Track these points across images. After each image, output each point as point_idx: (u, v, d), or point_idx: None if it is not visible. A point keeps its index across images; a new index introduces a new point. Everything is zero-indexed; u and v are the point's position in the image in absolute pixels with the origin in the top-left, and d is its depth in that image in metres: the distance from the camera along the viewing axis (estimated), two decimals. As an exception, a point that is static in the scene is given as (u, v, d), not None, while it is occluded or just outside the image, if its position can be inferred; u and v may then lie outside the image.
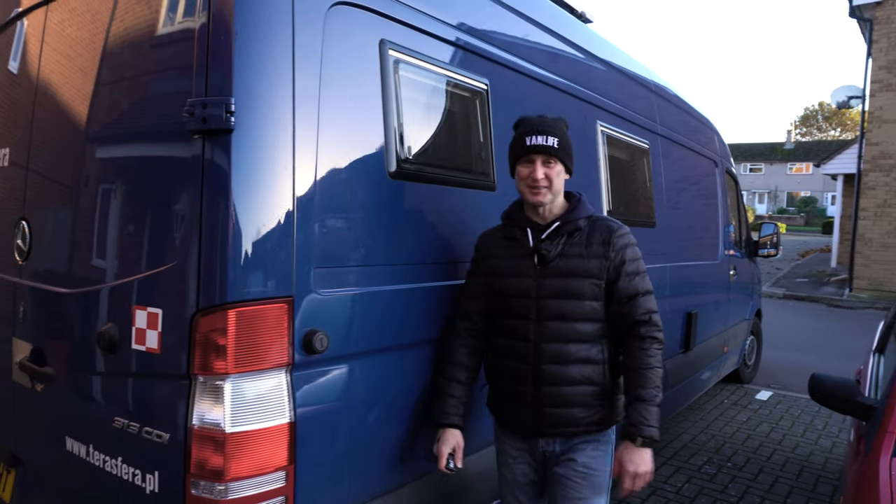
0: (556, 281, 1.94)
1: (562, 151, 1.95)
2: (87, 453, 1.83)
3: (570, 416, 1.95)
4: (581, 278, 1.93)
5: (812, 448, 4.65)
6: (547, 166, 1.94)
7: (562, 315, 1.93)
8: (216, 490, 1.55)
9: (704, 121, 5.27)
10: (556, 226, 1.98)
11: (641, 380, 1.89)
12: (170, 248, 1.64)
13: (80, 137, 1.96)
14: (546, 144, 1.92)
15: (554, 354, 1.93)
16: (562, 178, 1.99)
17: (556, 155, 1.94)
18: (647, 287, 1.99)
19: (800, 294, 13.60)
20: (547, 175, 1.94)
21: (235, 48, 1.56)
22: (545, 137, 1.92)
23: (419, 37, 2.07)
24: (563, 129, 2.00)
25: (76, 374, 1.90)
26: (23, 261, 2.14)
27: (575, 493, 1.97)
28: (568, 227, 1.97)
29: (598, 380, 1.95)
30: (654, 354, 1.92)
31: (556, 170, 1.95)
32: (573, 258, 1.95)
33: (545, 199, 1.96)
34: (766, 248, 6.14)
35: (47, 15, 2.16)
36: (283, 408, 1.62)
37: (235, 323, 1.54)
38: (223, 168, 1.54)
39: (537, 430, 1.99)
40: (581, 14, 3.51)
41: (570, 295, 1.93)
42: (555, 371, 1.93)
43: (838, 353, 7.87)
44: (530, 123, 1.98)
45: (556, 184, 1.96)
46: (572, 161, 2.02)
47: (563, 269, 1.94)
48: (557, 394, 1.94)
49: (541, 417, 1.96)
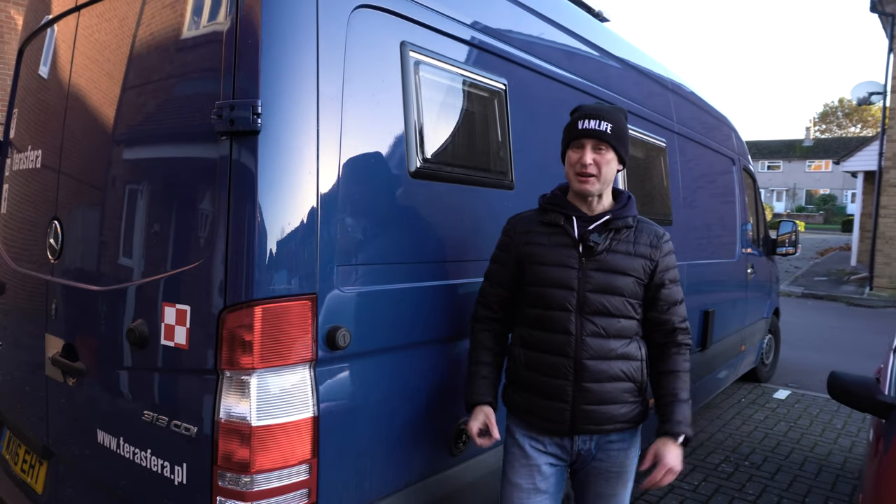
0: (601, 275, 1.89)
1: (615, 138, 1.88)
2: (117, 446, 1.89)
3: (610, 412, 1.91)
4: (626, 275, 1.90)
5: (831, 447, 4.62)
6: (597, 152, 1.88)
7: (605, 310, 1.89)
8: (242, 482, 1.59)
9: (722, 118, 5.25)
10: (606, 219, 1.92)
11: (681, 382, 1.94)
12: (197, 246, 1.69)
13: (109, 139, 2.01)
14: (598, 129, 1.86)
15: (597, 349, 1.88)
16: (613, 168, 1.92)
17: (607, 141, 1.87)
18: (682, 295, 2.02)
19: (819, 293, 13.44)
20: (596, 161, 1.87)
21: (262, 51, 1.60)
22: (598, 122, 1.87)
23: (439, 38, 2.11)
24: (619, 118, 1.93)
25: (107, 369, 1.96)
26: (55, 259, 2.20)
27: (607, 489, 1.99)
28: (618, 222, 1.93)
29: (637, 377, 1.94)
30: (688, 360, 1.99)
31: (606, 157, 1.89)
32: (620, 255, 1.91)
33: (592, 189, 1.89)
34: (785, 247, 6.09)
35: (78, 20, 2.22)
36: (307, 402, 1.66)
37: (261, 319, 1.58)
38: (250, 169, 1.58)
39: (573, 428, 1.92)
40: (598, 13, 3.52)
41: (614, 290, 1.90)
42: (598, 367, 1.88)
43: (858, 352, 7.79)
44: (586, 108, 1.94)
45: (605, 172, 1.89)
46: (627, 152, 1.96)
47: (609, 264, 1.90)
48: (599, 390, 1.89)
49: (580, 414, 1.90)
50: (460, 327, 2.17)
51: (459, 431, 2.18)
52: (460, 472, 2.21)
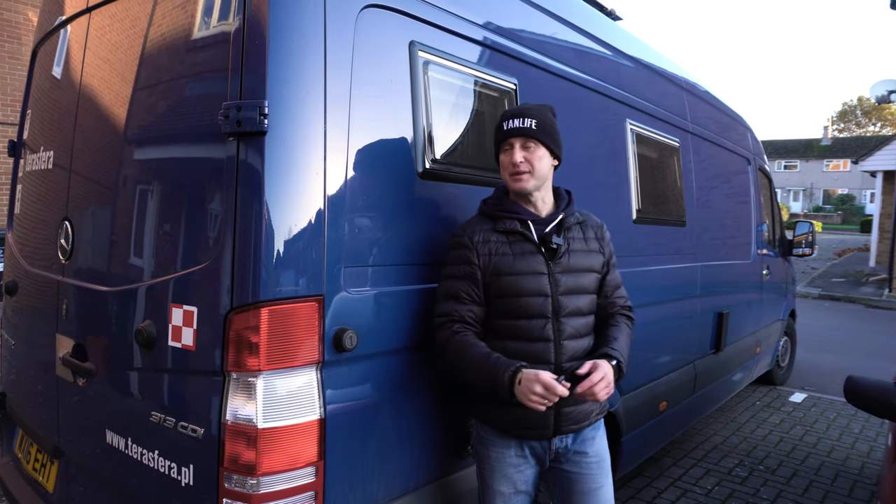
0: (568, 277, 1.92)
1: (542, 133, 1.88)
2: (125, 446, 1.89)
3: (588, 408, 1.95)
4: (588, 273, 1.97)
5: (848, 452, 4.55)
6: (526, 150, 1.88)
7: (577, 311, 1.93)
8: (249, 484, 1.59)
9: (737, 118, 5.18)
10: (560, 218, 1.94)
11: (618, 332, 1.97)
12: (205, 247, 1.68)
13: (118, 140, 2.02)
14: (523, 126, 1.87)
15: (574, 351, 1.91)
16: (546, 164, 1.91)
17: (534, 137, 1.87)
18: None
19: (836, 294, 13.25)
20: (527, 159, 1.87)
21: (269, 52, 1.59)
22: (522, 119, 1.87)
23: (448, 38, 2.09)
24: (544, 113, 1.92)
25: (115, 370, 1.97)
26: (66, 260, 2.21)
27: (592, 483, 1.96)
28: (570, 220, 1.97)
29: None
30: (629, 327, 2.05)
31: (537, 153, 1.88)
32: (579, 253, 1.96)
33: (528, 185, 1.89)
34: (801, 248, 6.01)
35: (90, 22, 2.23)
36: (313, 404, 1.65)
37: (268, 321, 1.58)
38: (257, 169, 1.58)
39: (556, 431, 1.91)
40: (610, 11, 3.49)
41: (581, 290, 1.95)
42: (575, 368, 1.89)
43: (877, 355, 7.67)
44: (510, 109, 1.96)
45: (538, 168, 1.89)
46: (558, 145, 1.95)
47: (573, 265, 1.93)
48: None
49: (562, 417, 1.90)
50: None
51: (467, 434, 2.16)
52: (468, 475, 2.19)
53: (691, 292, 3.87)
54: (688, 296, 3.84)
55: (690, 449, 4.47)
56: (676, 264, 3.67)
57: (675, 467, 4.13)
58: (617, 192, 3.09)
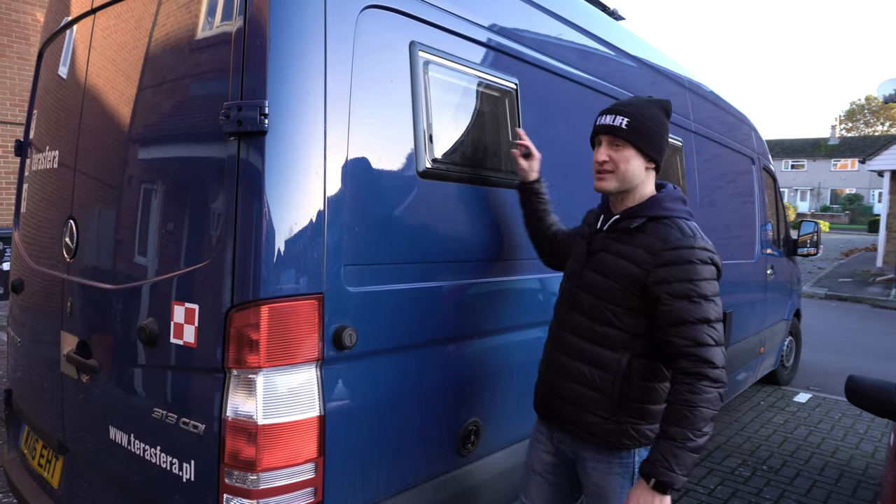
0: (593, 275, 1.86)
1: (632, 133, 1.77)
2: (128, 442, 1.91)
3: (573, 414, 1.86)
4: (609, 279, 1.81)
5: (852, 452, 4.53)
6: (612, 148, 1.81)
7: (585, 310, 1.86)
8: (249, 480, 1.61)
9: (741, 117, 5.17)
10: (615, 218, 1.86)
11: (675, 416, 1.63)
12: (206, 245, 1.70)
13: (122, 139, 2.04)
14: (611, 124, 1.79)
15: (567, 345, 1.89)
16: (634, 166, 1.80)
17: (622, 137, 1.77)
18: (700, 315, 1.67)
19: (843, 294, 13.19)
20: (612, 158, 1.80)
21: (270, 52, 1.61)
22: (613, 117, 1.79)
23: (449, 38, 2.10)
24: (644, 111, 1.80)
25: (119, 367, 1.99)
26: (70, 258, 2.24)
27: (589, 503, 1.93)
28: (624, 222, 1.83)
29: (606, 389, 1.79)
30: (699, 392, 1.62)
31: (623, 154, 1.79)
32: (612, 256, 1.82)
33: (608, 186, 1.83)
34: (806, 247, 5.99)
35: (94, 22, 2.25)
36: (313, 401, 1.67)
37: (268, 319, 1.59)
38: (257, 169, 1.59)
39: (549, 418, 1.97)
40: (613, 11, 3.49)
41: (597, 293, 1.83)
42: (564, 362, 1.89)
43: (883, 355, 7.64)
44: (614, 104, 1.87)
45: (623, 170, 1.80)
46: (656, 149, 1.82)
47: (601, 265, 1.84)
48: (559, 384, 1.90)
49: (546, 402, 1.95)
50: (469, 327, 2.17)
51: (468, 431, 2.18)
52: (469, 472, 2.20)
53: (694, 292, 3.86)
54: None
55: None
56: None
57: (677, 467, 4.13)
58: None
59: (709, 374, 1.64)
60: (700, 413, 1.61)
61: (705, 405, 1.62)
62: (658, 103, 1.87)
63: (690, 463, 1.63)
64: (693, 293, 1.68)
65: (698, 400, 1.62)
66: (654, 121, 1.81)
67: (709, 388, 1.63)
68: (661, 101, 1.88)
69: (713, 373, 1.64)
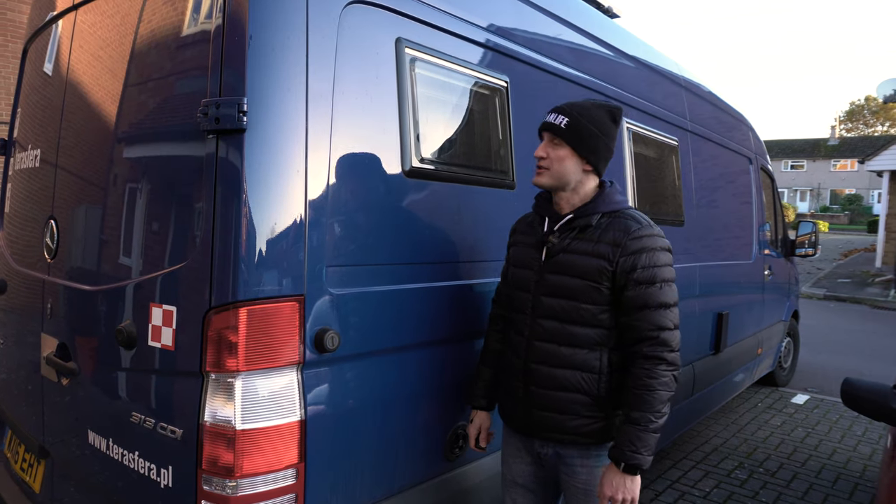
0: (555, 277, 1.83)
1: (569, 133, 1.79)
2: (107, 447, 1.87)
3: (558, 421, 1.83)
4: (578, 278, 1.79)
5: (850, 454, 4.49)
6: (551, 146, 1.83)
7: (556, 314, 1.82)
8: (227, 486, 1.56)
9: (738, 117, 5.13)
10: (568, 218, 1.85)
11: (637, 401, 1.71)
12: (184, 246, 1.66)
13: (103, 137, 2.00)
14: (552, 122, 1.82)
15: (545, 354, 1.83)
16: (567, 166, 1.82)
17: (559, 136, 1.80)
18: (661, 299, 1.75)
19: (841, 295, 13.15)
20: (549, 155, 1.82)
21: (249, 49, 1.57)
22: (556, 116, 1.82)
23: (436, 34, 2.06)
24: (587, 114, 1.81)
25: (97, 370, 1.95)
26: (51, 259, 2.20)
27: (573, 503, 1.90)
28: (580, 220, 1.83)
29: (592, 390, 1.80)
30: (657, 376, 1.71)
31: (558, 152, 1.81)
32: (576, 255, 1.80)
33: (543, 181, 1.85)
34: (804, 248, 5.96)
35: (76, 19, 2.21)
36: (293, 406, 1.63)
37: (247, 321, 1.55)
38: (236, 167, 1.55)
39: (529, 431, 1.91)
40: (608, 9, 3.45)
41: (565, 294, 1.80)
42: (544, 372, 1.83)
43: (882, 356, 7.60)
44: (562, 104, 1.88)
45: (556, 168, 1.82)
46: (592, 151, 1.82)
47: (563, 266, 1.82)
48: (544, 396, 1.84)
49: (530, 418, 1.88)
50: (454, 330, 2.13)
51: (455, 436, 2.14)
52: (456, 477, 2.16)
53: (690, 292, 3.82)
54: (686, 296, 3.79)
55: (690, 451, 4.43)
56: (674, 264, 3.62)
57: (673, 469, 4.09)
58: (612, 192, 3.04)
59: (666, 357, 1.73)
60: (658, 396, 1.71)
61: (663, 388, 1.72)
62: (606, 108, 1.87)
63: (653, 444, 1.72)
64: (657, 278, 1.76)
65: (657, 384, 1.71)
66: (594, 124, 1.82)
67: (665, 372, 1.73)
68: (610, 107, 1.89)
69: (670, 356, 1.74)
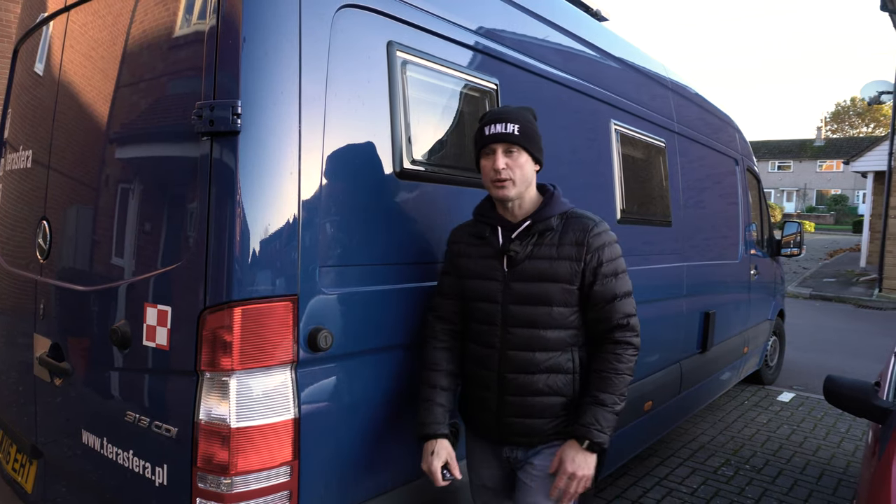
0: (524, 285, 1.83)
1: (524, 139, 1.81)
2: (101, 446, 1.88)
3: (533, 426, 1.86)
4: (550, 283, 1.81)
5: (834, 451, 4.57)
6: (509, 156, 1.81)
7: (529, 322, 1.83)
8: (222, 484, 1.58)
9: (725, 118, 5.20)
10: (526, 225, 1.86)
11: (605, 383, 1.79)
12: (179, 246, 1.68)
13: (95, 138, 2.01)
14: (505, 132, 1.80)
15: (520, 363, 1.84)
16: (529, 170, 1.85)
17: (517, 143, 1.80)
18: (625, 289, 1.85)
19: (827, 294, 13.31)
20: (509, 165, 1.81)
21: (243, 51, 1.59)
22: (504, 125, 1.80)
23: (428, 38, 2.09)
24: (526, 117, 1.86)
25: (91, 370, 1.96)
26: (43, 259, 2.20)
27: (528, 497, 1.90)
28: (539, 226, 1.84)
29: (567, 391, 1.85)
30: (626, 360, 1.82)
31: (518, 160, 1.82)
32: (542, 260, 1.82)
33: (510, 194, 1.83)
34: (789, 248, 6.04)
35: (68, 20, 2.22)
36: (287, 404, 1.65)
37: (241, 320, 1.57)
38: (230, 169, 1.57)
39: (501, 438, 1.92)
40: (596, 12, 3.49)
41: (537, 301, 1.82)
42: (520, 381, 1.84)
43: (865, 354, 7.71)
44: (491, 113, 1.88)
45: (520, 175, 1.82)
46: (540, 150, 1.88)
47: (531, 273, 1.83)
48: (521, 403, 1.85)
49: (503, 426, 1.89)
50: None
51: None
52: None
53: (677, 292, 3.88)
54: (673, 296, 3.85)
55: (677, 448, 4.48)
56: (662, 264, 3.68)
57: (661, 466, 4.14)
58: (601, 193, 3.09)
59: (633, 342, 1.84)
60: (623, 379, 1.82)
61: (628, 372, 1.83)
62: (529, 110, 1.93)
63: (615, 424, 1.82)
64: (619, 269, 1.86)
65: (624, 368, 1.82)
66: (531, 123, 1.88)
67: (633, 357, 1.84)
68: (530, 109, 1.95)
69: (636, 340, 1.85)
